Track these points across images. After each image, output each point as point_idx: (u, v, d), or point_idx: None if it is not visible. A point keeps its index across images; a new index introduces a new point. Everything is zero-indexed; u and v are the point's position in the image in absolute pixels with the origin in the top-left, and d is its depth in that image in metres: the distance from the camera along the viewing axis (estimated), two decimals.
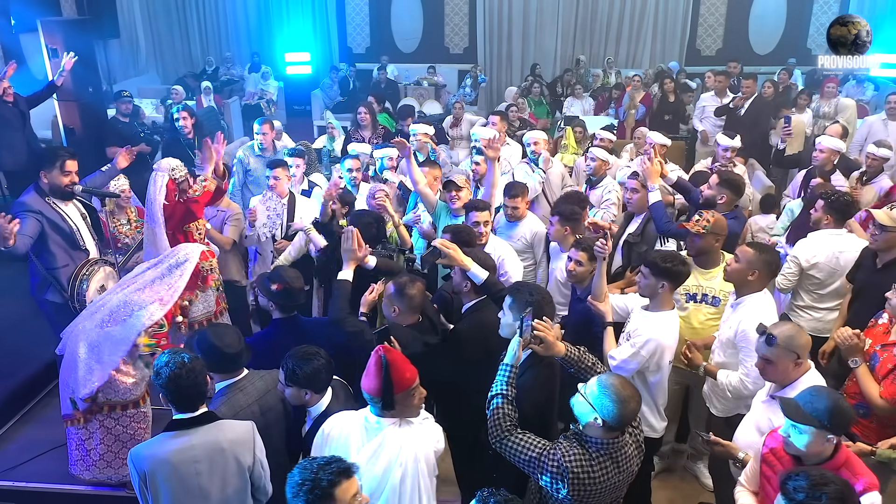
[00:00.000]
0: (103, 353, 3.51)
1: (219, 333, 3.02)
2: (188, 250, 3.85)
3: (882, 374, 3.23)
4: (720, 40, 14.08)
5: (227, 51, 14.70)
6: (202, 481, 2.65)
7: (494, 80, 14.36)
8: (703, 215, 3.97)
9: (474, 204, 4.36)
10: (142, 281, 3.71)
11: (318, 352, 2.96)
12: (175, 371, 2.60)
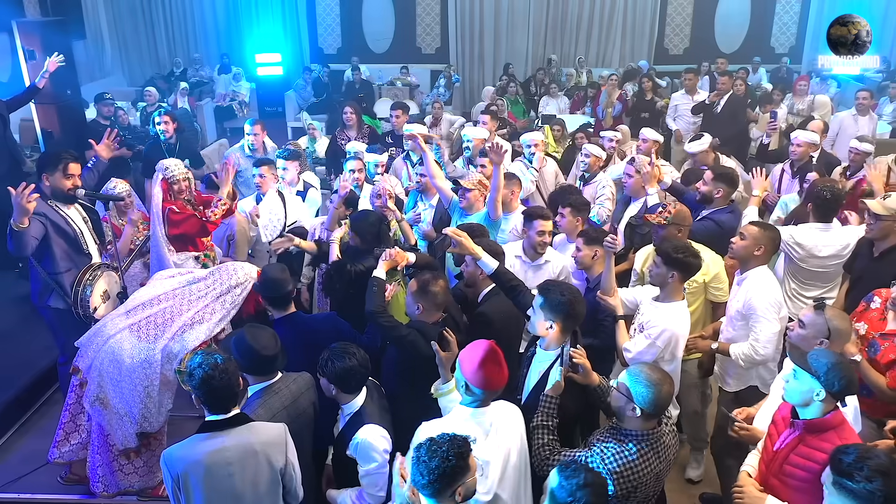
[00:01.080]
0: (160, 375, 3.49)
1: (256, 335, 3.00)
2: (247, 271, 3.76)
3: (884, 363, 3.34)
4: (687, 39, 14.40)
5: (196, 52, 14.48)
6: (235, 483, 2.63)
7: (467, 80, 14.44)
8: (665, 207, 4.11)
9: (539, 212, 4.28)
10: (193, 296, 3.63)
11: (356, 353, 2.97)
12: (208, 372, 2.57)
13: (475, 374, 2.61)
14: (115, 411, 3.56)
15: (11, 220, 3.73)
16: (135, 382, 3.52)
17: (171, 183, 4.46)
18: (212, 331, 3.53)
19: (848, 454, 2.19)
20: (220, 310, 3.60)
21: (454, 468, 2.13)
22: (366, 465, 2.91)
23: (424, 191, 5.24)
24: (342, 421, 3.04)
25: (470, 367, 2.62)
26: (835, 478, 2.19)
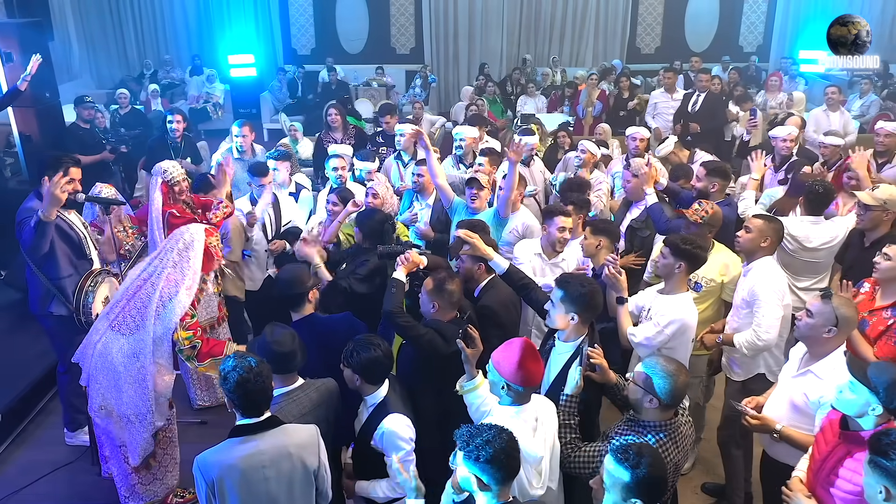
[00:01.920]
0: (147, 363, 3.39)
1: (273, 332, 3.00)
2: (192, 231, 3.65)
3: (874, 336, 3.47)
4: (658, 38, 14.64)
5: (166, 53, 14.28)
6: (270, 486, 2.62)
7: (442, 80, 14.48)
8: (702, 205, 4.15)
9: (559, 210, 4.27)
10: (154, 275, 3.51)
11: (380, 344, 3.00)
12: (243, 375, 2.55)
13: (515, 372, 2.63)
14: (122, 417, 3.49)
15: (39, 211, 3.69)
16: (134, 379, 3.43)
17: (172, 185, 4.42)
18: (184, 302, 3.44)
19: (889, 436, 2.25)
20: (182, 276, 3.48)
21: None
22: (393, 454, 2.91)
23: (421, 190, 5.24)
24: (365, 413, 3.05)
25: (508, 366, 2.64)
26: (871, 456, 2.25)
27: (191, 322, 3.51)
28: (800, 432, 3.02)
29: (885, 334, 3.41)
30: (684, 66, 12.23)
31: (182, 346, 3.44)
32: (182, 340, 3.47)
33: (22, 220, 3.79)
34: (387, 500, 3.05)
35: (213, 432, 4.51)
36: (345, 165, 5.44)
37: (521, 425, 2.63)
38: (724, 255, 4.15)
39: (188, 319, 3.50)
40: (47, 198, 3.65)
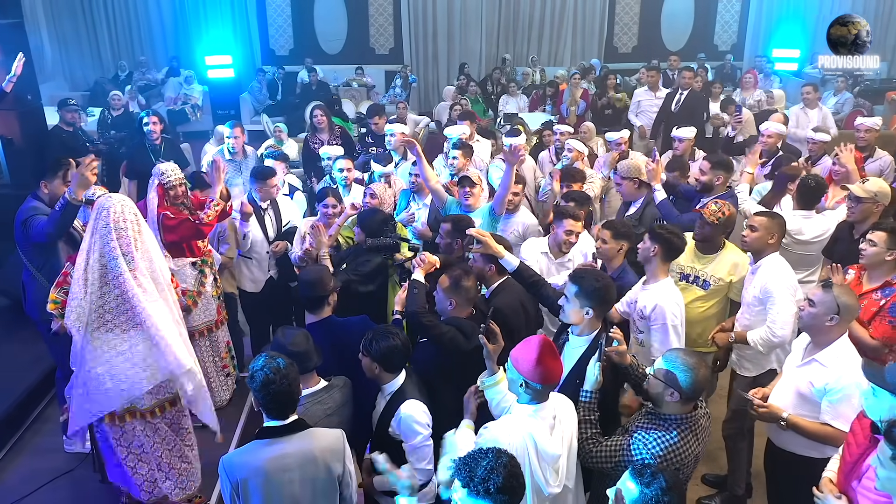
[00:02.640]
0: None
1: (286, 333, 3.00)
2: (114, 200, 3.31)
3: (867, 319, 3.59)
4: (635, 38, 14.82)
5: (142, 55, 14.08)
6: (294, 490, 2.61)
7: (422, 80, 14.49)
8: (719, 206, 4.14)
9: (569, 212, 4.31)
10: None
11: (398, 333, 3.05)
12: (269, 376, 2.54)
13: (534, 370, 2.64)
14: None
15: (67, 192, 3.67)
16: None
17: (168, 188, 4.36)
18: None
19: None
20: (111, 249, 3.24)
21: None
22: (411, 439, 2.96)
23: (418, 191, 5.26)
24: (382, 401, 3.07)
25: (527, 364, 2.65)
26: (890, 448, 2.31)
27: (61, 278, 3.50)
28: (806, 420, 3.10)
29: (879, 315, 3.53)
30: (662, 65, 12.37)
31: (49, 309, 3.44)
32: (50, 304, 3.50)
33: (27, 219, 3.75)
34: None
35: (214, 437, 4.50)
36: (351, 167, 5.44)
37: (539, 424, 2.66)
38: (735, 255, 4.19)
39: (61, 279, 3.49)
40: (76, 179, 3.63)
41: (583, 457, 2.82)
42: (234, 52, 13.97)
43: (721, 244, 4.20)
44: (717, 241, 4.18)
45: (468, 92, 11.41)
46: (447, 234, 4.21)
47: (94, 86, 13.04)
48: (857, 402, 2.98)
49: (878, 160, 5.87)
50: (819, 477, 2.90)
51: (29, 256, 3.85)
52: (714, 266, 4.16)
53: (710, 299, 4.17)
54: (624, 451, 2.68)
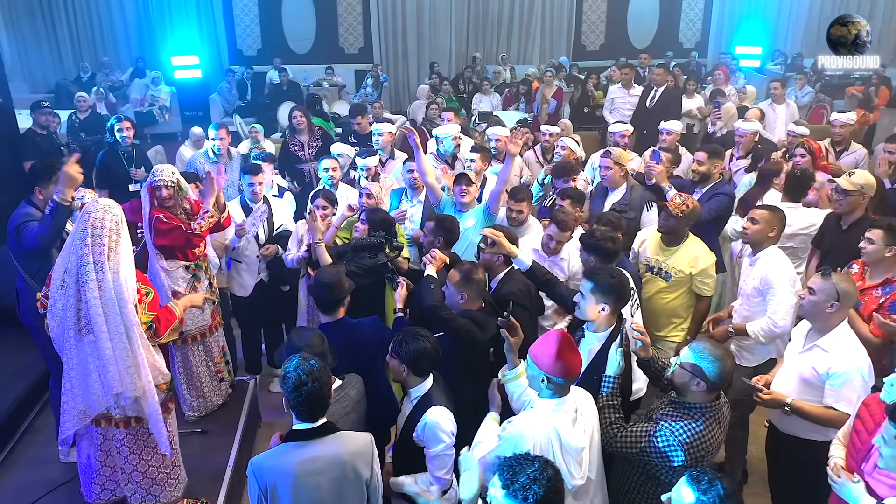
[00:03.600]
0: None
1: (301, 334, 2.99)
2: (102, 205, 3.21)
3: (867, 315, 3.72)
4: (602, 36, 15.04)
5: (105, 55, 13.78)
6: (322, 494, 2.59)
7: (392, 79, 14.49)
8: (683, 199, 4.28)
9: (557, 219, 4.33)
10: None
11: (427, 336, 3.03)
12: (302, 378, 2.51)
13: (554, 364, 2.67)
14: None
15: (55, 194, 3.57)
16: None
17: (154, 188, 4.26)
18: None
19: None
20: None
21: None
22: (434, 446, 2.95)
23: (414, 188, 5.26)
24: (409, 405, 3.07)
25: (547, 359, 2.69)
26: (894, 427, 2.42)
27: (148, 301, 3.31)
28: (810, 404, 3.21)
29: (878, 312, 3.64)
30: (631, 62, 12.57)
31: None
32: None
33: (19, 226, 3.65)
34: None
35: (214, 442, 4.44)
36: (336, 167, 5.41)
37: (562, 417, 2.70)
38: (697, 248, 4.28)
39: (145, 298, 3.30)
40: (63, 178, 3.53)
41: (607, 441, 2.86)
42: (201, 53, 13.78)
43: (684, 236, 4.30)
44: (680, 234, 4.28)
45: (441, 91, 11.43)
46: (430, 232, 4.25)
47: (57, 87, 12.74)
48: (859, 385, 3.12)
49: (854, 153, 6.08)
50: (822, 459, 3.02)
51: (22, 263, 3.75)
52: (675, 258, 4.27)
53: (673, 291, 4.27)
54: (650, 437, 2.74)
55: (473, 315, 3.40)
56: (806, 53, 13.57)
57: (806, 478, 3.31)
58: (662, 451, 2.70)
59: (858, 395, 3.07)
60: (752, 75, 12.89)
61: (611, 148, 5.30)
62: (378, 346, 3.57)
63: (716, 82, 9.90)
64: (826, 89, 11.86)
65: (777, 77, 12.23)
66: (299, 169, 6.88)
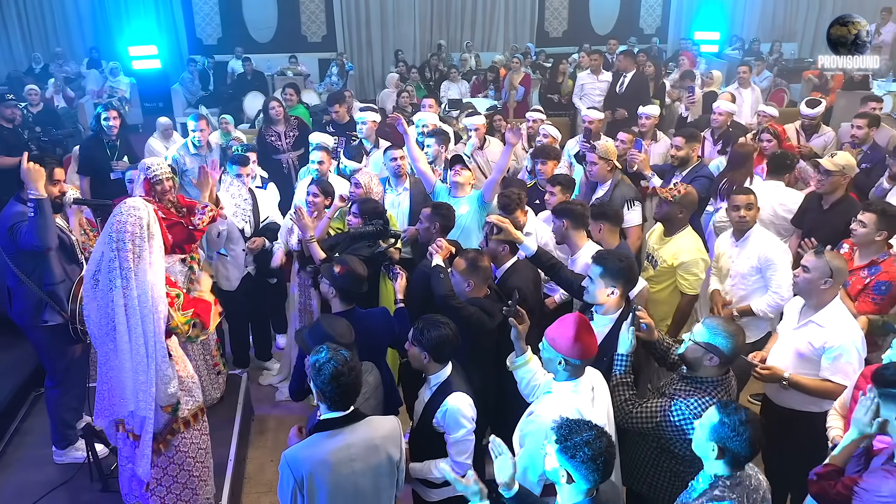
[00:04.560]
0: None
1: (332, 324, 2.98)
2: (135, 209, 3.09)
3: (854, 294, 3.89)
4: (565, 22, 15.15)
5: (57, 46, 13.32)
6: (357, 480, 2.61)
7: (357, 68, 14.33)
8: (676, 185, 4.38)
9: (513, 204, 4.40)
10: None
11: (448, 323, 3.04)
12: (338, 368, 2.51)
13: (572, 347, 2.73)
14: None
15: (29, 193, 3.45)
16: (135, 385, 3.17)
17: (154, 183, 4.19)
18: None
19: (888, 369, 2.58)
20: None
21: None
22: (454, 432, 2.99)
23: (398, 176, 5.25)
24: (427, 392, 3.09)
25: (565, 342, 2.74)
26: (880, 391, 2.55)
27: (180, 302, 3.23)
28: (807, 378, 3.34)
29: (864, 292, 3.81)
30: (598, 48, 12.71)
31: (182, 331, 3.20)
32: (181, 326, 3.21)
33: (13, 226, 3.53)
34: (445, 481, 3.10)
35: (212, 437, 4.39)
36: (326, 159, 5.35)
37: (580, 399, 2.77)
38: (684, 241, 4.26)
39: (178, 301, 3.22)
40: (25, 177, 3.42)
41: (622, 418, 2.93)
42: (159, 42, 13.45)
43: (680, 226, 4.30)
44: (676, 222, 4.29)
45: (410, 79, 11.39)
46: (427, 218, 4.26)
47: (8, 80, 12.25)
48: (854, 358, 3.27)
49: (823, 135, 6.30)
50: (817, 428, 3.17)
51: (16, 262, 3.64)
52: (665, 248, 4.32)
53: (659, 282, 4.32)
54: (665, 412, 2.83)
55: (481, 302, 3.44)
56: (762, 38, 13.93)
57: (800, 448, 3.46)
58: (678, 425, 2.80)
59: (854, 367, 3.22)
60: (711, 60, 13.14)
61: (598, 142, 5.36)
62: (385, 336, 3.60)
63: (681, 68, 10.10)
64: (783, 73, 12.21)
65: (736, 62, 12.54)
66: (276, 160, 6.81)
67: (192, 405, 3.39)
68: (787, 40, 14.43)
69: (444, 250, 3.69)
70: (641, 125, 6.44)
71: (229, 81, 13.01)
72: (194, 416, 3.42)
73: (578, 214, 4.01)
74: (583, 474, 2.20)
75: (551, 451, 2.26)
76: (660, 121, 6.99)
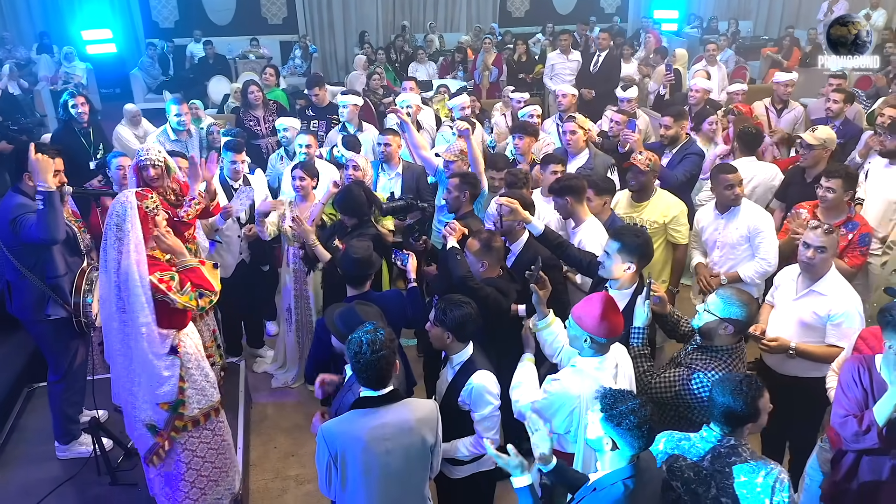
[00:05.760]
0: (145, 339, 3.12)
1: (366, 312, 2.97)
2: (120, 201, 3.14)
3: (840, 252, 4.03)
4: (527, 2, 15.15)
5: (4, 31, 12.75)
6: (389, 459, 2.64)
7: (319, 50, 14.11)
8: (645, 154, 4.52)
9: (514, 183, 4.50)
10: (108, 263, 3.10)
11: (470, 302, 3.07)
12: (376, 347, 2.53)
13: (599, 325, 2.79)
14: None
15: (38, 185, 3.37)
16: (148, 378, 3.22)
17: (141, 168, 4.08)
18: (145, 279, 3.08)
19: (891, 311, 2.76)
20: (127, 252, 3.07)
21: None
22: (481, 409, 3.03)
23: (388, 160, 5.23)
24: (451, 372, 3.12)
25: (591, 320, 2.80)
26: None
27: (176, 284, 3.14)
28: (812, 345, 3.49)
29: (849, 248, 4.01)
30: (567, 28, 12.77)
31: (193, 306, 3.17)
32: (189, 304, 3.16)
33: (16, 218, 3.42)
34: (471, 458, 3.17)
35: None
36: (314, 143, 5.29)
37: (604, 375, 2.85)
38: (666, 198, 4.54)
39: (173, 283, 3.13)
40: (35, 168, 3.33)
41: (642, 388, 3.02)
42: (113, 26, 13.01)
43: (653, 190, 4.55)
44: (649, 188, 4.52)
45: (377, 61, 11.28)
46: (456, 188, 4.32)
47: None
48: (857, 322, 3.42)
49: (793, 111, 6.50)
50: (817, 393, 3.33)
51: (17, 255, 3.52)
52: (648, 211, 4.50)
53: None
54: (683, 382, 2.93)
55: (496, 282, 3.48)
56: (720, 17, 14.21)
57: (803, 413, 3.63)
58: (697, 393, 2.91)
59: (855, 330, 3.36)
60: (671, 39, 13.36)
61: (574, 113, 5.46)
62: (400, 317, 3.62)
63: (647, 46, 10.25)
64: (740, 51, 12.51)
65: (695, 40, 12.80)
66: (255, 145, 6.72)
67: (203, 404, 3.37)
68: (743, 18, 14.75)
69: (458, 232, 3.72)
70: (624, 108, 6.54)
71: (188, 66, 12.71)
72: (205, 416, 3.40)
73: (580, 188, 4.10)
74: (628, 441, 2.27)
75: (595, 420, 2.33)
76: None
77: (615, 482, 2.28)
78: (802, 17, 14.77)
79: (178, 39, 13.27)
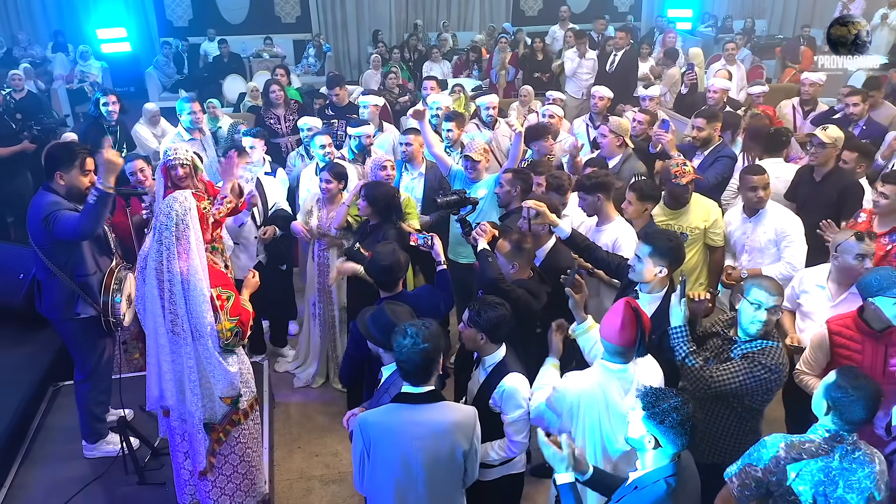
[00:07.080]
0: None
1: (396, 312, 2.96)
2: (179, 200, 3.07)
3: (877, 261, 3.92)
4: (541, 1, 15.10)
5: (20, 30, 12.82)
6: (419, 459, 2.62)
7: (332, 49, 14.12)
8: (686, 166, 4.41)
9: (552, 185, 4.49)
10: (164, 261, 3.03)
11: (503, 303, 3.06)
12: (422, 344, 2.54)
13: (619, 335, 2.75)
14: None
15: (98, 183, 3.36)
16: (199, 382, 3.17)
17: (169, 168, 4.09)
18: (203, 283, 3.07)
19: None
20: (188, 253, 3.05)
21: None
22: (512, 412, 3.01)
23: (410, 160, 5.23)
24: (483, 374, 3.10)
25: (611, 330, 2.78)
26: None
27: (230, 306, 3.12)
28: None
29: (886, 259, 3.96)
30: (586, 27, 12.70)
31: (225, 336, 3.10)
32: (225, 332, 3.11)
33: (49, 216, 3.42)
34: (501, 462, 3.14)
35: None
36: (330, 142, 5.30)
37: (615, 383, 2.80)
38: (704, 202, 4.48)
39: (226, 304, 3.11)
40: (103, 166, 3.33)
41: (700, 385, 2.96)
42: (128, 25, 13.05)
43: (690, 196, 4.44)
44: (687, 195, 4.41)
45: (391, 59, 11.27)
46: (508, 182, 4.34)
47: None
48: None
49: (821, 112, 6.45)
50: None
51: (49, 254, 3.53)
52: (688, 217, 4.42)
53: (690, 249, 4.34)
54: (746, 370, 2.94)
55: (527, 284, 3.47)
56: (734, 15, 14.12)
57: None
58: (765, 376, 2.93)
59: None
60: (686, 38, 13.30)
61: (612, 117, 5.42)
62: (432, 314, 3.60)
63: (665, 45, 10.20)
64: (755, 50, 12.44)
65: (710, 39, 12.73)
66: (275, 143, 6.73)
67: (249, 396, 3.38)
68: (758, 17, 14.66)
69: (489, 234, 3.70)
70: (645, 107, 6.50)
71: (202, 64, 12.73)
72: (251, 407, 3.42)
73: (609, 185, 4.08)
74: (671, 439, 2.28)
75: (637, 419, 2.33)
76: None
77: (657, 480, 2.29)
78: (818, 15, 14.66)
79: (192, 38, 13.30)
